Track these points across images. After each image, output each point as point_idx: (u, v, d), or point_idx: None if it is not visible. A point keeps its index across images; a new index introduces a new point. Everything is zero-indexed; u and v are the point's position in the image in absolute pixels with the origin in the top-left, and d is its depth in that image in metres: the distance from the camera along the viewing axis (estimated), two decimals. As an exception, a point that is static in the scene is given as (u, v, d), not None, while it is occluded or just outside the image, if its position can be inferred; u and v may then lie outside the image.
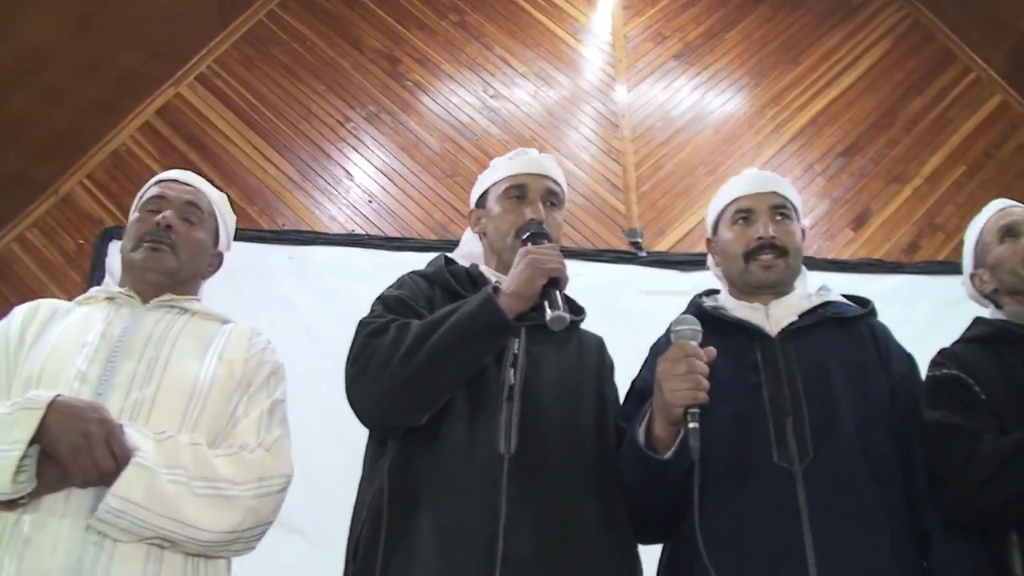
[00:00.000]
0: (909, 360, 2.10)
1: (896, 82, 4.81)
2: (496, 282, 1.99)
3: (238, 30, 4.59)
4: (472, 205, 2.26)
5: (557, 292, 1.89)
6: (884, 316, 2.18)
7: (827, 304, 2.12)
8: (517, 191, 2.14)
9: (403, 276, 2.10)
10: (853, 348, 2.04)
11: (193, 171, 2.19)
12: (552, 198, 2.17)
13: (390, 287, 2.06)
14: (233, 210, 2.25)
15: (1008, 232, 2.17)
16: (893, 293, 3.99)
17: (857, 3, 5.03)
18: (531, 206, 2.11)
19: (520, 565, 1.69)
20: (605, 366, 2.11)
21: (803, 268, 2.20)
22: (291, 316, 3.84)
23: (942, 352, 2.09)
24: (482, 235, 2.20)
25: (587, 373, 2.05)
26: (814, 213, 4.43)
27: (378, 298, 2.01)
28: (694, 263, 3.89)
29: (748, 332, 2.04)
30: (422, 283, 2.07)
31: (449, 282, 2.04)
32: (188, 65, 4.47)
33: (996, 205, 2.27)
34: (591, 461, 1.89)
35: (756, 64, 4.82)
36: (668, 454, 1.76)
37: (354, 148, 4.41)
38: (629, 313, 3.70)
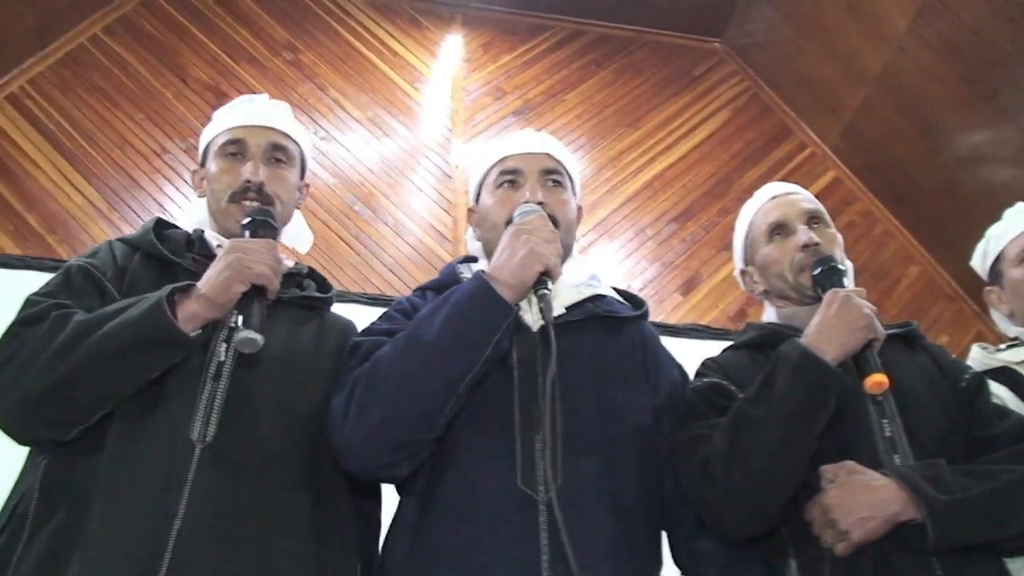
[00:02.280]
0: (680, 375, 1.86)
1: (733, 152, 4.85)
2: (217, 246, 1.74)
3: (56, 52, 4.34)
4: (199, 161, 1.96)
5: (256, 304, 1.56)
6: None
7: (597, 298, 1.83)
8: (234, 147, 1.85)
9: (102, 242, 1.80)
10: (619, 355, 1.77)
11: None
12: (278, 154, 1.87)
13: (85, 253, 1.77)
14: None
15: (777, 230, 1.96)
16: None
17: (698, 74, 5.09)
18: (249, 163, 1.82)
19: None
20: (347, 347, 1.78)
21: (576, 252, 1.92)
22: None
23: (705, 362, 1.88)
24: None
25: (324, 353, 1.76)
26: (644, 276, 4.38)
27: (64, 267, 1.69)
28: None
29: None
30: (120, 249, 1.75)
31: (154, 246, 1.72)
32: (-2, 83, 4.21)
33: (768, 192, 2.06)
34: (322, 453, 1.63)
35: (595, 126, 4.80)
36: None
37: (169, 180, 4.16)
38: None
